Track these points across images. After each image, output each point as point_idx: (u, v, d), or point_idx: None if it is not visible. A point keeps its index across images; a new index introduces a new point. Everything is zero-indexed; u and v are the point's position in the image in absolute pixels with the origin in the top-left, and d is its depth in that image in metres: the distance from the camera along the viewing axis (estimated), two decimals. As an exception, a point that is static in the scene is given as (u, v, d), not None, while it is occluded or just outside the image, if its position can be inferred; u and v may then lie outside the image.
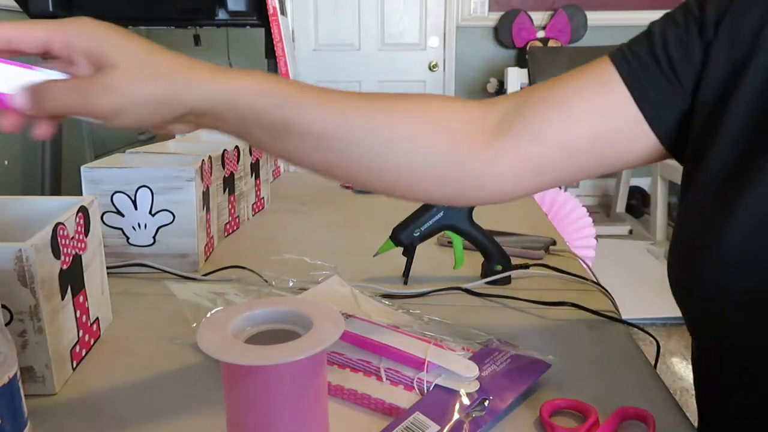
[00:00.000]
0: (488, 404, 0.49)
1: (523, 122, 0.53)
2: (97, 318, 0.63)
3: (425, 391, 0.51)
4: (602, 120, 0.51)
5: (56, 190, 2.11)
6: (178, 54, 0.44)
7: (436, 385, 0.51)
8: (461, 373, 0.52)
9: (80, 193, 0.79)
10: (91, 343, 0.62)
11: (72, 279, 0.57)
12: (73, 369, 0.57)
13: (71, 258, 0.57)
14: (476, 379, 0.52)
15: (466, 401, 0.50)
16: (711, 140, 0.47)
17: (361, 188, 0.54)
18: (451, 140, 0.53)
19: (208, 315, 0.60)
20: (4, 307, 0.50)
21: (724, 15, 0.48)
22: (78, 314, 0.58)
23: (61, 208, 0.60)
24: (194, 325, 0.63)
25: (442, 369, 0.52)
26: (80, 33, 0.40)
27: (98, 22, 0.41)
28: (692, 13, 0.50)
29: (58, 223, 0.55)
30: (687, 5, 0.51)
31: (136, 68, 0.41)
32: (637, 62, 0.51)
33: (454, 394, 0.50)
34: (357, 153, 0.51)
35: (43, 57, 0.42)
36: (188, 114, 0.45)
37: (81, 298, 0.59)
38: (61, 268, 0.55)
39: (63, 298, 0.55)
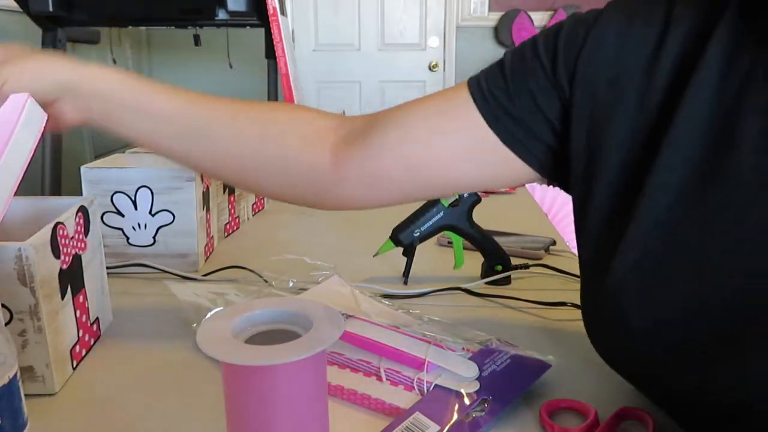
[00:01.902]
0: (488, 404, 0.49)
1: (367, 136, 0.55)
2: (97, 318, 0.63)
3: (425, 391, 0.51)
4: (449, 142, 0.52)
5: (56, 190, 2.11)
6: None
7: (436, 385, 0.51)
8: (461, 373, 0.52)
9: (80, 193, 0.79)
10: (91, 343, 0.62)
11: (72, 279, 0.57)
12: (73, 369, 0.57)
13: (71, 258, 0.57)
14: (476, 379, 0.52)
15: (466, 401, 0.50)
16: (590, 190, 0.46)
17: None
18: (299, 145, 0.56)
19: (208, 315, 0.60)
20: (3, 306, 0.50)
21: (575, 69, 0.47)
22: (78, 314, 0.58)
23: (61, 207, 0.60)
24: (194, 325, 0.63)
25: (442, 369, 0.52)
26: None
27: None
28: (543, 65, 0.49)
29: (58, 223, 0.55)
30: (536, 52, 0.49)
31: (21, 57, 0.53)
32: (493, 99, 0.51)
33: (454, 394, 0.50)
34: (209, 145, 0.55)
35: None
36: (61, 91, 0.53)
37: (81, 298, 0.59)
38: (61, 268, 0.55)
39: (63, 297, 0.55)
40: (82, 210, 0.60)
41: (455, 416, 0.48)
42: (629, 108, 0.44)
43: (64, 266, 0.55)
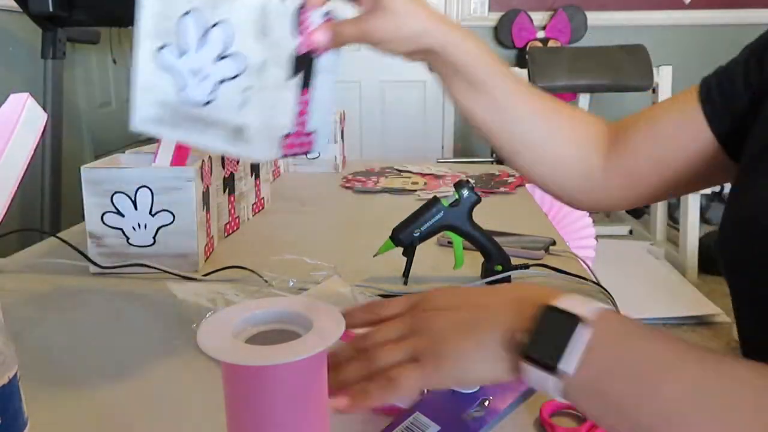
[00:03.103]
0: (488, 404, 0.49)
1: (624, 141, 0.65)
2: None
3: (425, 391, 0.51)
4: (685, 136, 0.61)
5: (56, 190, 2.11)
6: (437, 12, 0.59)
7: None
8: None
9: (80, 194, 0.79)
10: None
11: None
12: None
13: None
14: None
15: (466, 401, 0.50)
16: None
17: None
18: (583, 146, 0.66)
19: (208, 315, 0.60)
20: None
21: None
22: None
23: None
24: (194, 325, 0.63)
25: None
26: None
27: None
28: (749, 65, 0.58)
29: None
30: (752, 51, 0.59)
31: (404, 16, 0.57)
32: (709, 83, 0.61)
33: (454, 394, 0.50)
34: (517, 129, 0.64)
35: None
36: (426, 51, 0.59)
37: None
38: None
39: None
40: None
41: (455, 416, 0.48)
42: None
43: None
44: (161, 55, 0.54)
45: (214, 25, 0.51)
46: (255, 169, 1.11)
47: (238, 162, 1.02)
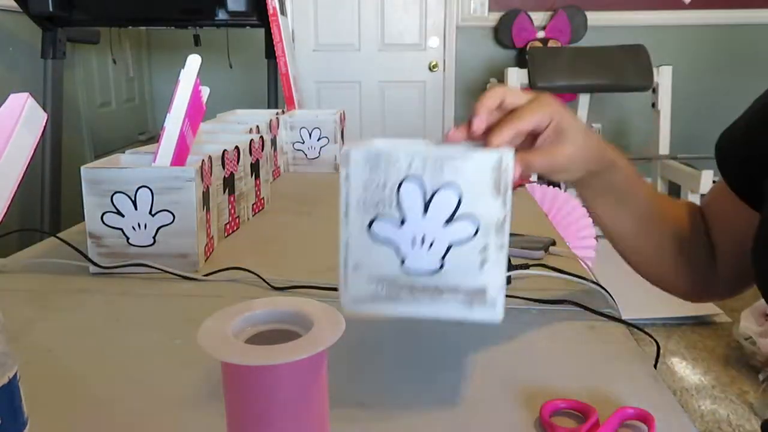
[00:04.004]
0: None
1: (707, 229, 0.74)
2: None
3: None
4: (738, 216, 0.67)
5: (56, 190, 2.11)
6: (597, 137, 0.62)
7: None
8: None
9: (80, 194, 0.79)
10: (91, 343, 0.61)
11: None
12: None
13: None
14: None
15: None
16: None
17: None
18: (699, 246, 0.73)
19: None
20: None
21: None
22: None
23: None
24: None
25: None
26: (554, 117, 0.58)
27: (557, 107, 0.59)
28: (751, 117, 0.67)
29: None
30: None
31: (581, 147, 0.59)
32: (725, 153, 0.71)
33: None
34: (650, 230, 0.72)
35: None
36: (591, 173, 0.63)
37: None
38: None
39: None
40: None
41: None
42: None
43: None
44: (375, 227, 0.49)
45: (437, 190, 0.48)
46: (255, 168, 1.11)
47: (238, 162, 1.02)
